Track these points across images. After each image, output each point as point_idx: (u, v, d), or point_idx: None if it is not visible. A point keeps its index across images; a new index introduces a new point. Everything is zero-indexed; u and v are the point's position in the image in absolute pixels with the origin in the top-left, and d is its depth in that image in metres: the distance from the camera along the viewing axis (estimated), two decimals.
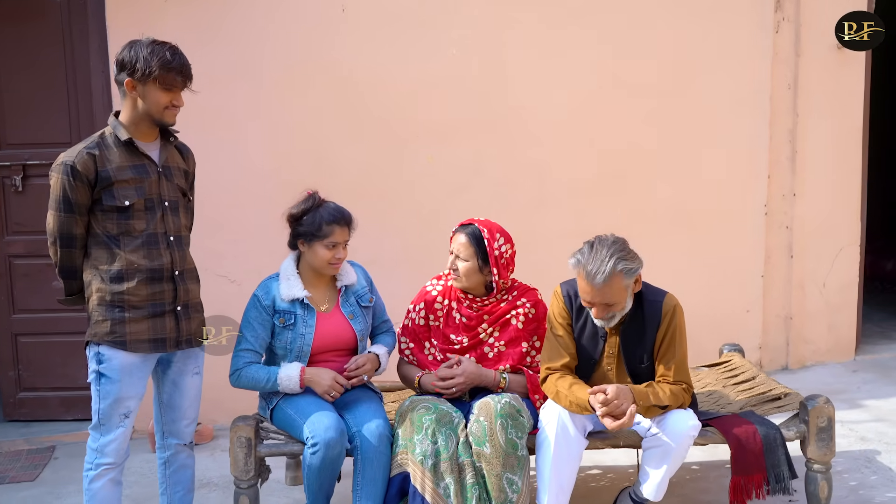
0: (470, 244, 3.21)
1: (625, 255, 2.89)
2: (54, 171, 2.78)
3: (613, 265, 2.85)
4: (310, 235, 3.13)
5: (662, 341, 3.01)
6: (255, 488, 3.10)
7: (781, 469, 3.01)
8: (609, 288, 2.87)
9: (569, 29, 4.96)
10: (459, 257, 3.23)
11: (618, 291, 2.89)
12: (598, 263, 2.86)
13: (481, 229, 3.23)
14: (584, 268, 2.88)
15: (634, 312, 3.02)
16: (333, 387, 3.10)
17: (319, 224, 3.13)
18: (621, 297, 2.91)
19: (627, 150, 5.11)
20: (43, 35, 4.54)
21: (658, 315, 3.00)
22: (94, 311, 2.85)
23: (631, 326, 3.03)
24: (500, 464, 2.91)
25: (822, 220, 5.47)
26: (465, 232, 3.24)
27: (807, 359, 5.58)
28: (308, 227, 3.14)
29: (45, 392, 4.75)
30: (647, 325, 3.00)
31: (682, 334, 3.05)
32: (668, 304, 3.02)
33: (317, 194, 3.26)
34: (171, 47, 2.81)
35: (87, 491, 2.94)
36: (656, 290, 3.08)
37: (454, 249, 3.25)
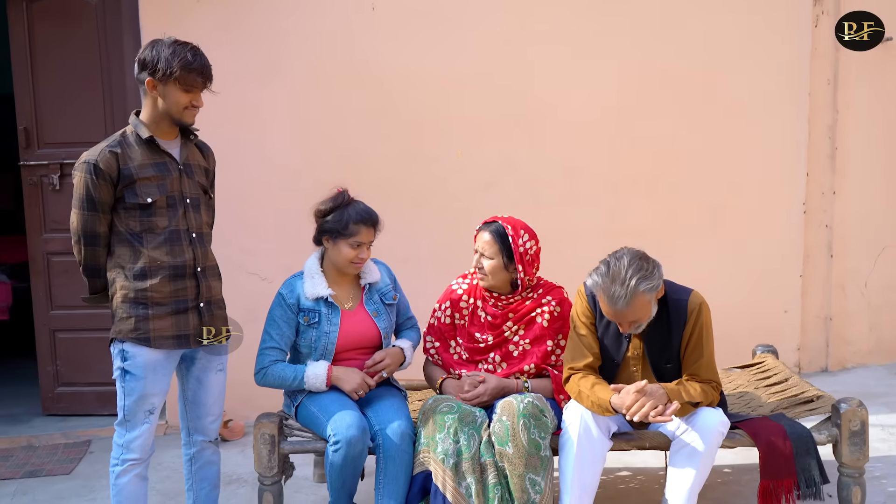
0: (494, 242, 3.19)
1: (645, 274, 2.82)
2: (77, 170, 2.82)
3: (635, 287, 2.79)
4: (335, 232, 3.14)
5: (689, 340, 2.95)
6: (279, 485, 3.11)
7: (812, 473, 2.93)
8: (633, 308, 2.82)
9: (601, 23, 4.90)
10: (484, 255, 3.21)
11: (642, 308, 2.84)
12: (619, 287, 2.79)
13: (505, 226, 3.20)
14: (605, 292, 2.82)
15: (659, 313, 2.97)
16: (361, 385, 3.10)
17: (346, 222, 3.13)
18: (646, 312, 2.87)
19: (660, 148, 5.03)
20: (78, 35, 4.61)
21: (684, 314, 2.94)
22: (118, 309, 2.88)
23: (655, 327, 2.97)
24: (522, 464, 2.88)
25: (864, 218, 5.34)
26: (489, 230, 3.22)
27: (847, 360, 5.45)
28: (335, 224, 3.14)
29: (81, 387, 4.82)
30: (672, 325, 2.95)
31: (709, 332, 2.99)
32: (693, 302, 2.97)
33: (346, 192, 3.27)
34: (193, 48, 2.83)
35: (113, 486, 2.98)
36: (681, 287, 3.02)
37: (479, 248, 3.23)
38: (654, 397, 2.77)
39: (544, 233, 4.70)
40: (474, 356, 3.27)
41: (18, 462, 4.30)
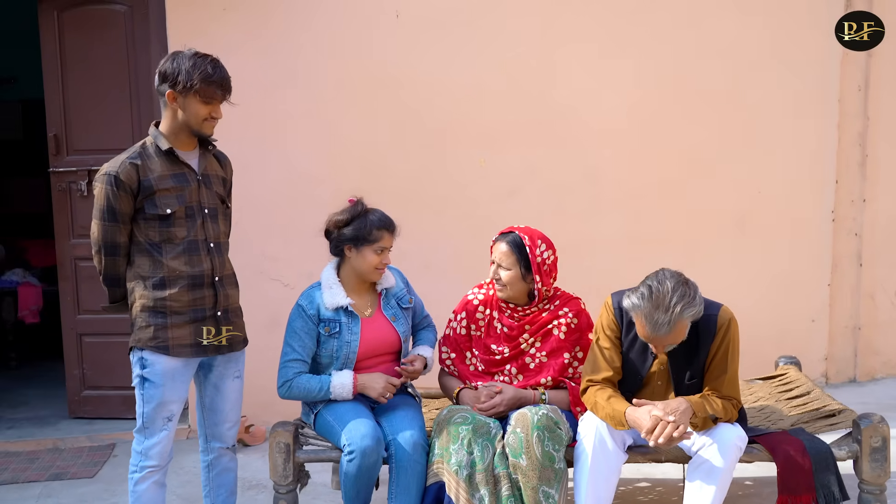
0: (511, 252, 3.18)
1: (689, 301, 2.76)
2: (98, 182, 2.86)
3: (680, 314, 2.74)
4: (360, 240, 3.15)
5: (716, 355, 2.92)
6: (293, 493, 3.13)
7: (832, 490, 2.88)
8: (674, 334, 2.79)
9: (624, 27, 4.87)
10: (502, 266, 3.20)
11: (681, 332, 2.81)
12: (663, 314, 2.73)
13: (522, 236, 3.19)
14: (647, 318, 2.76)
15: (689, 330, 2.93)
16: (387, 388, 3.12)
17: (370, 229, 3.16)
18: (684, 335, 2.83)
19: (687, 154, 4.99)
20: (107, 44, 4.68)
21: (713, 328, 2.91)
22: (138, 318, 2.92)
23: (683, 344, 2.92)
24: (536, 476, 2.87)
25: (895, 226, 5.25)
26: (506, 240, 3.21)
27: (877, 371, 5.36)
28: (357, 232, 3.16)
29: (107, 391, 4.88)
30: (700, 339, 2.91)
31: (736, 348, 2.95)
32: (723, 317, 2.93)
33: (362, 201, 3.28)
34: (213, 60, 2.86)
35: (132, 493, 3.02)
36: (710, 302, 2.97)
37: (496, 259, 3.22)
38: (677, 414, 2.73)
39: (567, 241, 4.70)
40: (490, 368, 3.26)
41: (44, 465, 4.37)
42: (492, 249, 3.27)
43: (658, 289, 2.77)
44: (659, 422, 2.72)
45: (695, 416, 2.80)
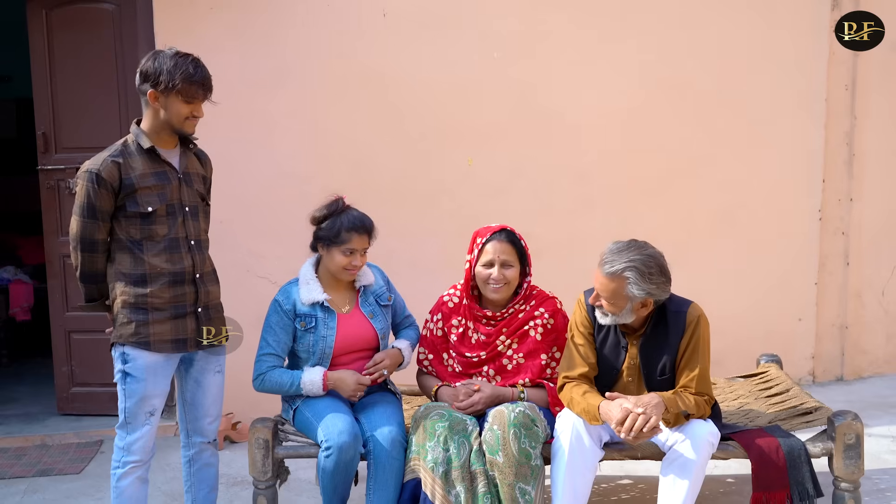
0: (514, 249, 3.19)
1: (643, 272, 2.83)
2: (80, 178, 2.88)
3: (622, 269, 2.83)
4: (328, 240, 3.17)
5: (685, 351, 2.94)
6: (273, 489, 3.15)
7: (806, 486, 2.90)
8: (608, 285, 2.87)
9: (612, 27, 4.90)
10: (507, 264, 3.18)
11: (617, 294, 2.86)
12: (615, 257, 2.87)
13: (513, 231, 3.21)
14: (606, 253, 2.90)
15: (657, 323, 2.97)
16: (357, 388, 3.14)
17: (339, 230, 3.16)
18: (619, 303, 2.88)
19: (673, 153, 5.02)
20: (95, 42, 4.70)
21: (682, 325, 2.94)
22: (119, 314, 2.94)
23: (652, 339, 2.97)
24: (512, 473, 2.88)
25: (882, 225, 5.29)
26: (504, 238, 3.19)
27: (864, 370, 5.38)
28: (327, 232, 3.17)
29: (96, 388, 4.89)
30: (670, 335, 2.95)
31: (706, 345, 2.97)
32: (692, 313, 2.96)
33: (342, 199, 3.28)
34: (194, 60, 2.88)
35: (114, 489, 3.05)
36: (681, 300, 3.01)
37: (497, 258, 3.16)
38: (648, 408, 2.76)
39: (554, 239, 4.75)
40: (468, 370, 3.27)
41: (31, 461, 4.39)
42: (482, 251, 3.22)
43: (637, 245, 2.90)
44: (629, 413, 2.75)
45: (667, 412, 2.82)
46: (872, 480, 3.79)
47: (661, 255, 2.93)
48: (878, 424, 4.52)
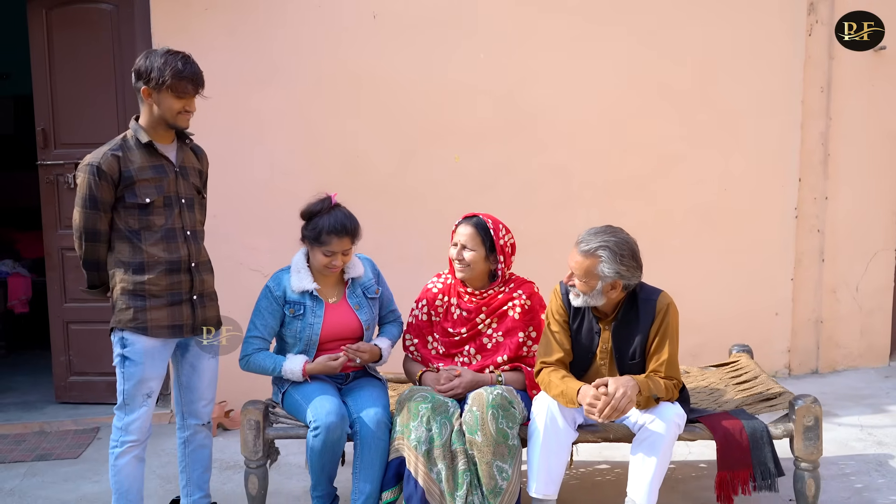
0: (477, 234, 3.36)
1: (616, 253, 3.01)
2: (81, 171, 3.04)
3: (596, 247, 3.03)
4: (310, 240, 3.31)
5: (655, 337, 3.11)
6: (263, 468, 3.30)
7: (768, 466, 3.07)
8: (581, 262, 3.06)
9: (596, 31, 5.06)
10: (466, 247, 3.37)
11: (589, 273, 3.04)
12: (591, 238, 3.08)
13: (486, 220, 3.37)
14: (583, 234, 3.11)
15: (629, 310, 3.13)
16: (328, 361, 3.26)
17: (320, 232, 3.27)
18: (590, 282, 3.05)
19: (654, 152, 5.18)
20: (93, 41, 4.83)
21: (652, 312, 3.10)
22: (118, 300, 3.09)
23: (623, 323, 3.14)
24: (490, 452, 3.05)
25: (856, 223, 5.45)
26: (471, 223, 3.39)
27: (838, 363, 5.55)
28: (310, 232, 3.30)
29: (93, 377, 5.03)
30: (640, 321, 3.11)
31: (675, 332, 3.13)
32: (661, 302, 3.12)
33: (329, 199, 3.37)
34: (184, 57, 3.02)
35: (112, 467, 3.20)
36: (652, 288, 3.18)
37: (460, 240, 3.39)
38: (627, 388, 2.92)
39: (538, 234, 4.90)
40: (450, 349, 3.44)
41: (30, 446, 4.53)
42: (454, 233, 3.44)
43: (609, 228, 3.11)
44: (602, 396, 2.91)
45: (638, 395, 2.98)
46: (839, 465, 3.97)
47: (634, 241, 3.11)
48: (848, 415, 4.70)
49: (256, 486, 3.26)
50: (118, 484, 3.18)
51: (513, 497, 3.07)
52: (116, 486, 3.19)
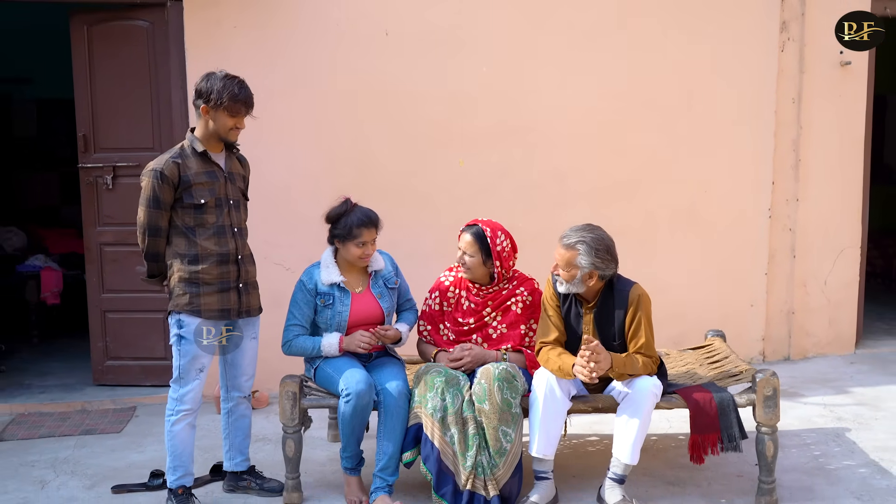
0: (475, 242, 3.83)
1: (592, 248, 3.50)
2: (145, 176, 3.52)
3: (575, 242, 3.53)
4: (343, 236, 3.78)
5: (631, 324, 3.60)
6: (298, 434, 3.78)
7: (733, 430, 3.58)
8: (563, 254, 3.55)
9: (589, 47, 5.54)
10: (466, 254, 3.85)
11: (570, 263, 3.53)
12: (572, 234, 3.57)
13: (484, 229, 3.84)
14: (564, 232, 3.61)
15: (606, 298, 3.63)
16: (362, 338, 3.74)
17: (350, 228, 3.76)
18: (570, 271, 3.54)
19: (642, 157, 5.67)
20: (131, 55, 5.29)
21: (625, 302, 3.60)
22: (176, 287, 3.58)
23: (602, 309, 3.64)
24: (496, 418, 3.54)
25: (824, 222, 5.95)
26: (471, 232, 3.86)
27: (808, 351, 6.05)
28: (342, 231, 3.78)
29: (127, 361, 5.49)
30: (616, 309, 3.61)
31: (648, 319, 3.62)
32: (633, 293, 3.62)
33: (349, 200, 3.87)
34: (240, 82, 3.51)
35: (168, 433, 3.67)
36: (626, 280, 3.67)
37: (462, 247, 3.87)
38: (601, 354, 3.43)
39: (536, 232, 5.39)
40: (459, 338, 3.92)
41: (75, 423, 5.00)
42: (459, 238, 3.91)
43: (588, 226, 3.60)
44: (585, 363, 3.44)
45: (612, 370, 3.47)
46: (801, 437, 4.48)
47: (610, 238, 3.60)
48: (813, 395, 5.21)
49: (293, 449, 3.74)
50: (173, 447, 3.65)
51: (515, 457, 3.58)
52: (172, 449, 3.66)
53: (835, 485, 3.88)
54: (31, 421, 5.02)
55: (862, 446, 4.32)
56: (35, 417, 5.09)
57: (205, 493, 3.91)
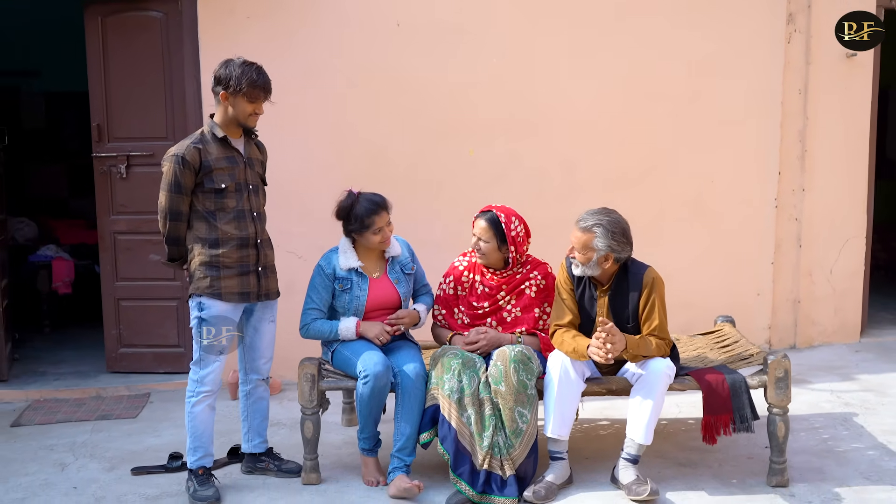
0: (490, 228, 3.88)
1: (608, 230, 3.56)
2: (167, 161, 3.57)
3: (592, 225, 3.58)
4: (359, 229, 3.83)
5: (645, 307, 3.65)
6: (317, 415, 3.84)
7: (745, 411, 3.63)
8: (580, 237, 3.60)
9: (598, 38, 5.60)
10: (481, 239, 3.90)
11: (586, 246, 3.58)
12: (588, 217, 3.63)
13: (498, 215, 3.90)
14: (581, 215, 3.66)
15: (620, 281, 3.69)
16: (382, 332, 3.82)
17: (362, 219, 3.81)
18: (587, 254, 3.60)
19: (649, 148, 5.73)
20: (145, 45, 5.34)
21: (640, 285, 3.66)
22: (196, 270, 3.63)
23: (617, 292, 3.70)
24: (512, 399, 3.60)
25: (830, 212, 6.00)
26: (485, 218, 3.91)
27: (814, 339, 6.11)
28: (355, 225, 3.83)
29: (141, 348, 5.55)
30: (630, 292, 3.67)
31: (662, 301, 3.68)
32: (647, 276, 3.68)
33: (352, 191, 3.91)
34: (258, 68, 3.57)
35: (189, 414, 3.72)
36: (641, 264, 3.73)
37: (476, 233, 3.92)
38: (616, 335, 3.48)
39: (544, 222, 5.44)
40: (474, 321, 3.97)
41: (90, 409, 5.06)
42: (473, 224, 3.96)
43: (604, 210, 3.65)
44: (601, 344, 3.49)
45: (626, 352, 3.53)
46: (809, 421, 4.55)
47: (625, 221, 3.66)
48: (820, 382, 5.27)
49: (311, 430, 3.80)
50: (194, 428, 3.71)
51: (531, 438, 3.64)
52: (192, 430, 3.72)
53: (844, 466, 3.94)
54: (46, 407, 5.08)
55: (870, 430, 4.39)
56: (51, 403, 5.15)
57: (223, 474, 3.97)
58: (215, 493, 3.66)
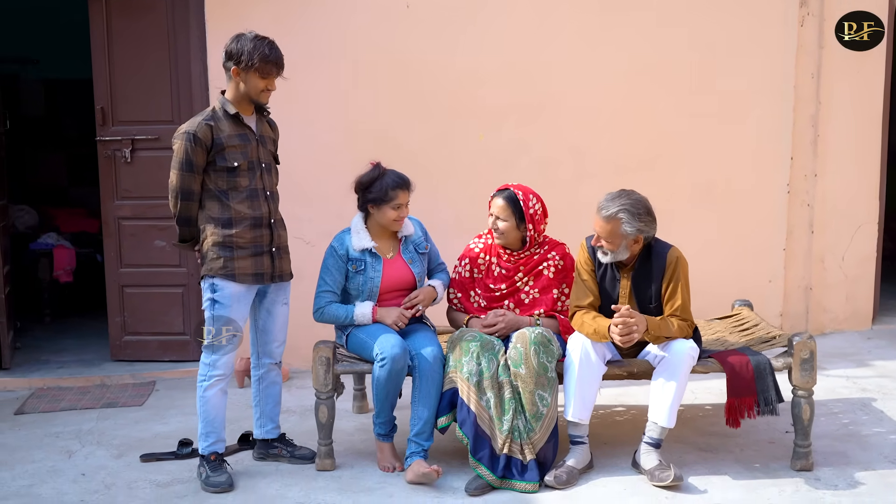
0: (508, 206, 3.81)
1: (634, 214, 3.47)
2: (178, 139, 3.48)
3: (616, 211, 3.47)
4: (379, 200, 3.76)
5: (668, 286, 3.58)
6: (331, 399, 3.76)
7: (770, 394, 3.57)
8: (606, 226, 3.50)
9: (608, 20, 5.52)
10: (500, 218, 3.83)
11: (613, 232, 3.50)
12: (610, 204, 3.51)
13: (516, 192, 3.83)
14: (602, 200, 3.55)
15: (644, 261, 3.62)
16: (399, 318, 3.75)
17: (386, 190, 3.75)
18: (616, 241, 3.52)
19: (660, 132, 5.65)
20: (150, 26, 5.25)
21: (663, 264, 3.58)
22: (209, 251, 3.55)
23: (640, 272, 3.63)
24: (532, 382, 3.53)
25: (842, 198, 5.93)
26: (503, 196, 3.83)
27: (826, 326, 6.05)
28: (377, 194, 3.76)
29: (145, 336, 5.46)
30: (654, 272, 3.59)
31: (685, 281, 3.61)
32: (671, 255, 3.61)
33: (380, 164, 3.87)
34: (270, 42, 3.48)
35: (200, 398, 3.64)
36: (664, 243, 3.66)
37: (494, 212, 3.84)
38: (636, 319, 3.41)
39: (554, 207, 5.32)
40: (491, 304, 3.90)
41: (96, 396, 4.97)
42: (490, 204, 3.89)
43: (623, 192, 3.54)
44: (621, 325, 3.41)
45: (647, 333, 3.46)
46: (828, 406, 4.48)
47: (646, 199, 3.58)
48: (835, 368, 5.21)
49: (326, 415, 3.72)
50: (206, 413, 3.62)
51: (551, 421, 3.57)
52: (204, 415, 3.63)
53: (867, 450, 3.89)
54: (50, 395, 4.99)
55: (890, 415, 4.33)
56: (55, 391, 5.06)
57: (235, 461, 3.89)
58: (228, 479, 3.58)
